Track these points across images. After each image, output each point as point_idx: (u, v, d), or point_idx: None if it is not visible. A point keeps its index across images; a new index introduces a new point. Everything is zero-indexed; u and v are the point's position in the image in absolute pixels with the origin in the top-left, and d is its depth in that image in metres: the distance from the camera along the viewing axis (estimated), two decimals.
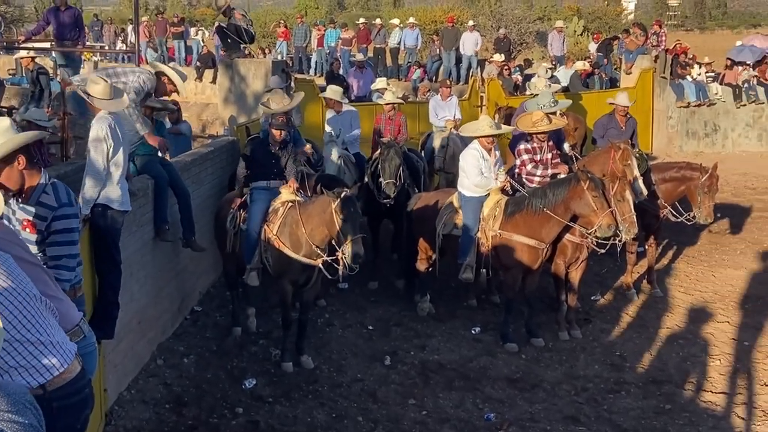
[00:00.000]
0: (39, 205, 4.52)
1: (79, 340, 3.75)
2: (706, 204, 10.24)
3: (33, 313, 3.28)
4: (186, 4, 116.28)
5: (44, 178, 4.54)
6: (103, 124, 6.44)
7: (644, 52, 20.71)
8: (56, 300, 3.66)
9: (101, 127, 6.43)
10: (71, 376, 3.39)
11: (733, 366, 8.47)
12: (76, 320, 3.87)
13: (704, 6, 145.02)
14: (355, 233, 7.60)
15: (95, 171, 6.42)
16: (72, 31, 13.30)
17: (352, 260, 7.61)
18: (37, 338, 3.26)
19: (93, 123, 6.57)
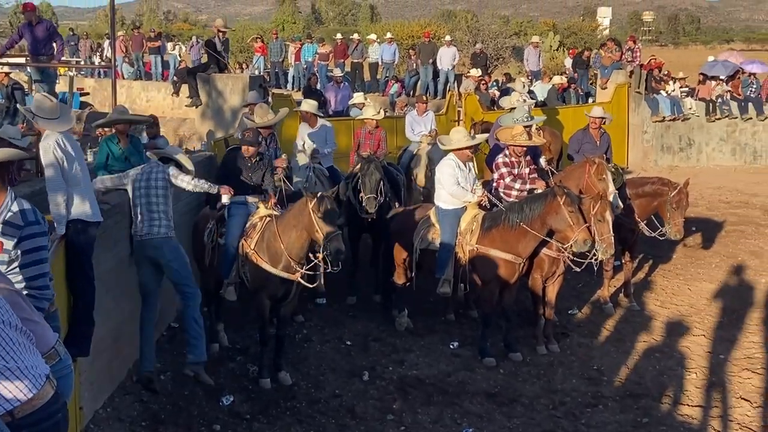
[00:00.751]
0: (5, 225, 4.46)
1: (54, 363, 3.70)
2: (676, 220, 10.30)
3: (6, 339, 3.23)
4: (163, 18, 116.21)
5: (9, 196, 4.48)
6: (49, 141, 6.40)
7: (619, 67, 20.92)
8: (31, 323, 3.61)
9: (48, 145, 6.38)
10: (42, 402, 3.33)
11: (709, 379, 8.52)
12: (51, 342, 3.82)
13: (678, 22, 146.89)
14: (335, 229, 7.64)
15: (55, 188, 6.38)
16: (46, 45, 13.22)
17: (334, 256, 7.61)
18: (4, 365, 3.21)
19: (40, 144, 6.52)
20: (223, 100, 14.81)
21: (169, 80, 24.20)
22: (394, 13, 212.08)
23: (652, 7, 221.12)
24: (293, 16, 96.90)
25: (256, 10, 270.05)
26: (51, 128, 6.48)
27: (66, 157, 6.39)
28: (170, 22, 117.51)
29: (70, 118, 6.82)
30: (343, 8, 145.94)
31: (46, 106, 6.54)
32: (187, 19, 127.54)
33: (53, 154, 6.34)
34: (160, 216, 7.61)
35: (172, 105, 22.09)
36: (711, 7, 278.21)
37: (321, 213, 7.58)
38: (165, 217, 7.62)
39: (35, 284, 4.53)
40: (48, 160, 6.35)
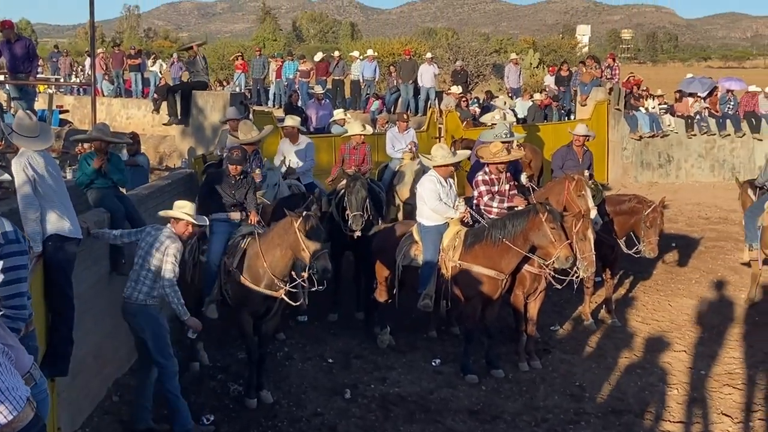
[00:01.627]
0: None
1: (30, 388, 3.65)
2: (650, 238, 10.33)
3: None
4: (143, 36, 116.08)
5: None
6: (22, 159, 6.36)
7: (599, 85, 21.08)
8: (8, 346, 3.56)
9: (20, 162, 6.35)
10: (22, 424, 3.29)
11: (691, 395, 8.55)
12: (27, 366, 3.77)
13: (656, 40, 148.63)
14: (321, 248, 7.62)
15: (27, 205, 6.33)
16: (25, 62, 13.15)
17: (321, 275, 7.60)
18: None
19: (13, 162, 6.48)
20: (203, 117, 14.77)
21: (149, 97, 24.14)
22: (375, 30, 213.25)
23: (631, 24, 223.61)
24: (274, 33, 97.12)
25: (237, 28, 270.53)
26: (28, 146, 6.43)
27: (38, 175, 6.34)
28: (151, 39, 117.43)
29: (49, 137, 6.77)
30: (324, 26, 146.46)
31: (25, 124, 6.49)
32: (168, 37, 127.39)
33: (24, 173, 6.30)
34: (145, 281, 7.24)
35: (152, 122, 22.05)
36: (689, 25, 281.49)
37: (307, 232, 7.55)
38: (150, 283, 7.22)
39: (11, 303, 4.48)
40: (20, 178, 6.31)
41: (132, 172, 10.95)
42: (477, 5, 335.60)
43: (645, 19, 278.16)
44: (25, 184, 6.31)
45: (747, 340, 10.13)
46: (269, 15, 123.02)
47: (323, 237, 7.92)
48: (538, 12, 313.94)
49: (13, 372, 3.36)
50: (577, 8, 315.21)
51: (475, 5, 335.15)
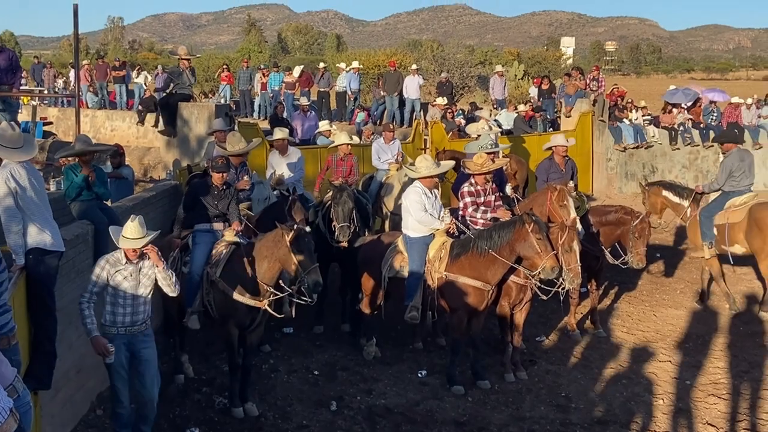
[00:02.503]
0: None
1: (14, 399, 3.62)
2: (638, 249, 10.38)
3: None
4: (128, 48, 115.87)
5: None
6: (4, 171, 6.32)
7: (583, 96, 21.19)
8: None
9: (2, 174, 6.30)
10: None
11: (676, 405, 8.57)
12: (9, 379, 3.74)
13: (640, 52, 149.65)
14: (312, 262, 7.59)
15: (9, 218, 6.29)
16: (8, 74, 13.08)
17: (312, 290, 7.59)
18: None
19: None
20: (188, 128, 14.74)
21: (133, 109, 24.08)
22: (360, 42, 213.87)
23: (614, 37, 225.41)
24: (259, 45, 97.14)
25: (222, 40, 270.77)
26: (11, 158, 6.38)
27: (21, 187, 6.30)
28: (135, 51, 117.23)
29: (33, 148, 6.72)
30: (309, 38, 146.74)
31: (7, 135, 6.44)
32: (153, 48, 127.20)
33: (6, 185, 6.26)
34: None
35: (137, 134, 21.99)
36: (672, 37, 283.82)
37: (298, 247, 7.53)
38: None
39: None
40: (2, 190, 6.27)
41: (117, 184, 10.92)
42: (462, 17, 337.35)
43: (629, 32, 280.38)
44: (7, 197, 6.27)
45: (732, 349, 10.17)
46: (254, 27, 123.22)
47: (314, 251, 7.88)
48: (523, 24, 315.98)
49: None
50: (562, 20, 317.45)
51: (460, 17, 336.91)
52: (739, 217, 11.53)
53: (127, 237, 6.66)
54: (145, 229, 6.72)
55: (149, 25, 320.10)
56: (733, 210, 11.67)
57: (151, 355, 7.00)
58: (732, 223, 11.61)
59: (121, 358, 6.75)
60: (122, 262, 6.74)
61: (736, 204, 11.68)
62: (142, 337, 6.88)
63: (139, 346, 6.87)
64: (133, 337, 6.83)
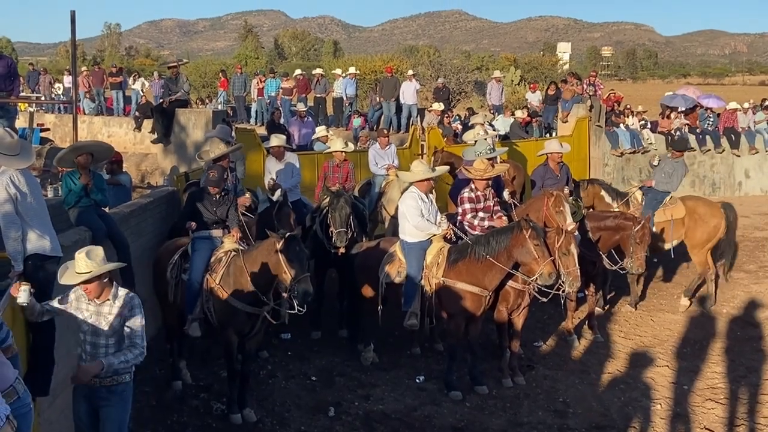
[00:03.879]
0: None
1: (12, 401, 3.62)
2: (638, 254, 10.41)
3: None
4: (124, 54, 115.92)
5: None
6: (3, 178, 6.32)
7: (580, 101, 21.21)
8: None
9: (2, 181, 6.31)
10: None
11: (674, 410, 8.57)
12: (9, 380, 3.74)
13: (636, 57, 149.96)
14: (303, 272, 7.54)
15: (9, 224, 6.29)
16: (5, 81, 13.09)
17: (302, 299, 7.53)
18: None
19: None
20: (185, 134, 14.77)
21: (130, 115, 24.07)
22: (357, 48, 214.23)
23: (611, 42, 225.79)
24: (256, 51, 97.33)
25: (219, 46, 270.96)
26: (10, 165, 6.38)
27: (21, 193, 6.31)
28: (132, 57, 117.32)
29: (30, 155, 6.71)
30: (306, 43, 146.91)
31: (6, 142, 6.44)
32: (149, 55, 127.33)
33: (6, 191, 6.26)
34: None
35: (134, 140, 21.99)
36: (668, 42, 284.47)
37: (289, 255, 7.51)
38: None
39: None
40: (2, 196, 6.27)
41: (114, 190, 10.90)
42: (458, 23, 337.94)
43: (625, 37, 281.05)
44: (7, 203, 6.27)
45: (729, 354, 10.18)
46: (251, 33, 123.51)
47: (306, 259, 7.85)
48: (519, 29, 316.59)
49: None
50: (558, 26, 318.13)
51: (457, 23, 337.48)
52: (682, 212, 12.26)
53: (77, 272, 5.71)
54: (96, 261, 5.71)
55: (146, 31, 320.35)
56: (669, 206, 12.33)
57: (111, 414, 5.88)
58: (676, 219, 12.20)
59: (78, 410, 6.00)
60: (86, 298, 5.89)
61: (669, 202, 12.39)
62: (105, 393, 5.84)
63: (99, 402, 5.88)
64: (92, 390, 5.85)
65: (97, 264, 5.68)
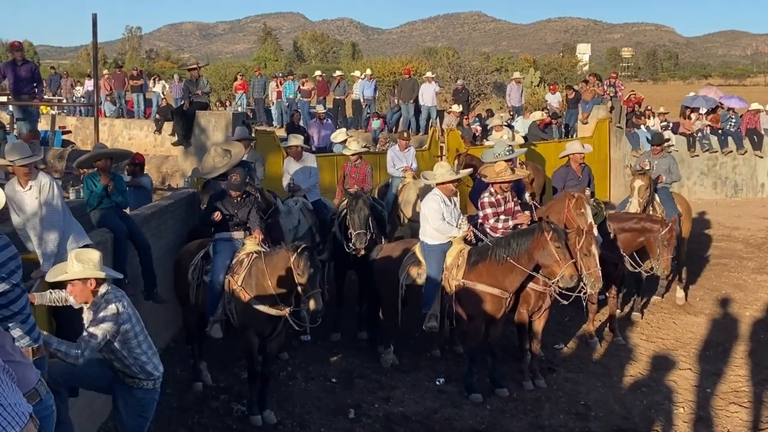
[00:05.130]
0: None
1: (35, 403, 3.64)
2: (665, 257, 10.32)
3: None
4: (145, 57, 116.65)
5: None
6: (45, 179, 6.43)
7: (600, 102, 21.11)
8: (12, 363, 3.55)
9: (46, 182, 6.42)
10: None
11: (697, 413, 8.49)
12: (32, 383, 3.76)
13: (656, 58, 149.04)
14: (313, 287, 7.48)
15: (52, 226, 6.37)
16: (29, 85, 13.23)
17: (311, 316, 7.51)
18: None
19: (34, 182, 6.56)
20: (206, 136, 14.81)
21: (151, 118, 24.22)
22: (376, 50, 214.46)
23: (631, 43, 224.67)
24: (275, 53, 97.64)
25: (239, 48, 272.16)
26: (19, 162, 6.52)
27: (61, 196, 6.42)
28: (152, 60, 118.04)
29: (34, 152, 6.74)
30: (325, 46, 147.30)
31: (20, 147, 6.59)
32: (170, 58, 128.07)
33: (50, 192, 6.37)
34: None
35: (154, 142, 22.13)
36: (688, 43, 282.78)
37: (300, 269, 7.49)
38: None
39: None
40: (45, 198, 6.37)
41: (135, 192, 10.98)
42: (477, 25, 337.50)
43: (645, 38, 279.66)
44: (50, 205, 6.36)
45: (752, 357, 10.08)
46: (270, 35, 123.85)
47: (318, 274, 7.68)
48: (538, 31, 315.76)
49: (14, 389, 3.35)
50: (577, 27, 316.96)
51: (475, 24, 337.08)
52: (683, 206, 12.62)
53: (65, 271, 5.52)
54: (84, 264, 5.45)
55: (166, 34, 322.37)
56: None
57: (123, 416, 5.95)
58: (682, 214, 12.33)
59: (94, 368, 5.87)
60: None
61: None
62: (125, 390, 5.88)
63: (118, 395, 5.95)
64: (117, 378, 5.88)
65: (82, 267, 5.44)
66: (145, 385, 5.85)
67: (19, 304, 4.53)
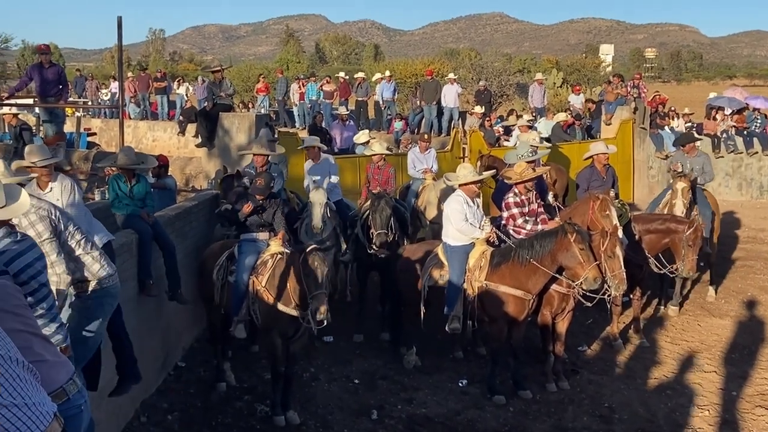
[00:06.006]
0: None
1: (62, 402, 3.67)
2: (690, 257, 10.25)
3: (8, 375, 3.20)
4: (168, 59, 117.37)
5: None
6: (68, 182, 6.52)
7: (623, 103, 20.98)
8: (38, 363, 3.58)
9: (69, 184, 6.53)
10: None
11: (722, 416, 8.42)
12: (59, 382, 3.79)
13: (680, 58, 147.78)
14: (318, 288, 7.45)
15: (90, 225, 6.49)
16: (55, 87, 13.37)
17: (313, 316, 7.47)
18: (12, 401, 3.17)
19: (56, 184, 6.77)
20: (229, 138, 14.88)
21: (175, 120, 24.37)
22: (398, 51, 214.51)
23: (654, 43, 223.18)
24: (297, 55, 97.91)
25: (261, 50, 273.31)
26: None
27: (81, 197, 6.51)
28: (176, 62, 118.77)
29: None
30: (347, 47, 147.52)
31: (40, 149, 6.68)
32: (193, 60, 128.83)
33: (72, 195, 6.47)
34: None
35: (178, 144, 22.24)
36: (713, 43, 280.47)
37: (305, 270, 7.49)
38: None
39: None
40: (66, 200, 6.45)
41: (159, 194, 11.05)
42: (499, 26, 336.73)
43: (669, 38, 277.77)
44: (70, 207, 6.46)
45: None
46: (292, 37, 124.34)
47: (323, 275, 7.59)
48: (561, 32, 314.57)
49: (38, 388, 3.37)
50: (600, 27, 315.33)
51: (498, 26, 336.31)
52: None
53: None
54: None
55: (189, 36, 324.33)
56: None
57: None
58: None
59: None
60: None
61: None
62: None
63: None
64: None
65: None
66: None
67: (47, 304, 4.57)
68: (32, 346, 3.67)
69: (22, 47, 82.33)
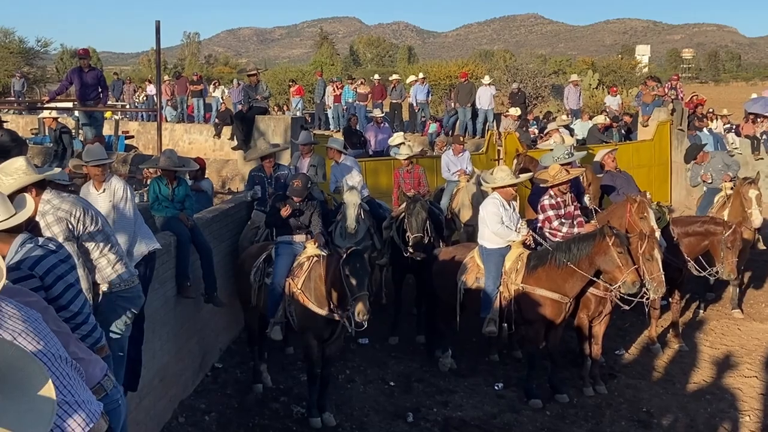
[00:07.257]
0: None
1: (101, 398, 3.73)
2: (729, 259, 10.12)
3: (59, 374, 3.25)
4: (204, 62, 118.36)
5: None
6: (120, 183, 6.63)
7: (661, 105, 20.74)
8: (77, 360, 3.64)
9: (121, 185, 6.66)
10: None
11: (763, 422, 8.30)
12: (97, 378, 3.86)
13: (718, 59, 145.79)
14: (360, 290, 7.46)
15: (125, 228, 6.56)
16: (95, 91, 13.57)
17: (354, 318, 7.47)
18: (63, 399, 3.23)
19: (107, 185, 6.90)
20: (265, 141, 14.98)
21: (210, 122, 24.58)
22: (432, 53, 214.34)
23: (692, 44, 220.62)
24: (331, 58, 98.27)
25: (295, 53, 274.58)
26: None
27: (133, 200, 6.65)
28: (211, 65, 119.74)
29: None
30: (381, 50, 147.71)
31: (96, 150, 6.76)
32: (228, 63, 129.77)
33: (123, 197, 6.61)
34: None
35: (213, 147, 22.43)
36: (751, 43, 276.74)
37: (348, 271, 7.48)
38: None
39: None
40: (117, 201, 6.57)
41: (196, 196, 11.14)
42: (534, 27, 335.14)
43: (706, 38, 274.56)
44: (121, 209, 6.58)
45: None
46: (326, 40, 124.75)
47: (366, 277, 7.66)
48: (596, 32, 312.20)
49: (84, 386, 3.42)
50: (636, 28, 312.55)
51: (532, 27, 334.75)
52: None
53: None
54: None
55: (224, 39, 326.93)
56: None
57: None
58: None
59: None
60: None
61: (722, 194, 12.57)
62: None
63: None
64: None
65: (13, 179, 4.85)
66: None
67: (77, 305, 4.58)
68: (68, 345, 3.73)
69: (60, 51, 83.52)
